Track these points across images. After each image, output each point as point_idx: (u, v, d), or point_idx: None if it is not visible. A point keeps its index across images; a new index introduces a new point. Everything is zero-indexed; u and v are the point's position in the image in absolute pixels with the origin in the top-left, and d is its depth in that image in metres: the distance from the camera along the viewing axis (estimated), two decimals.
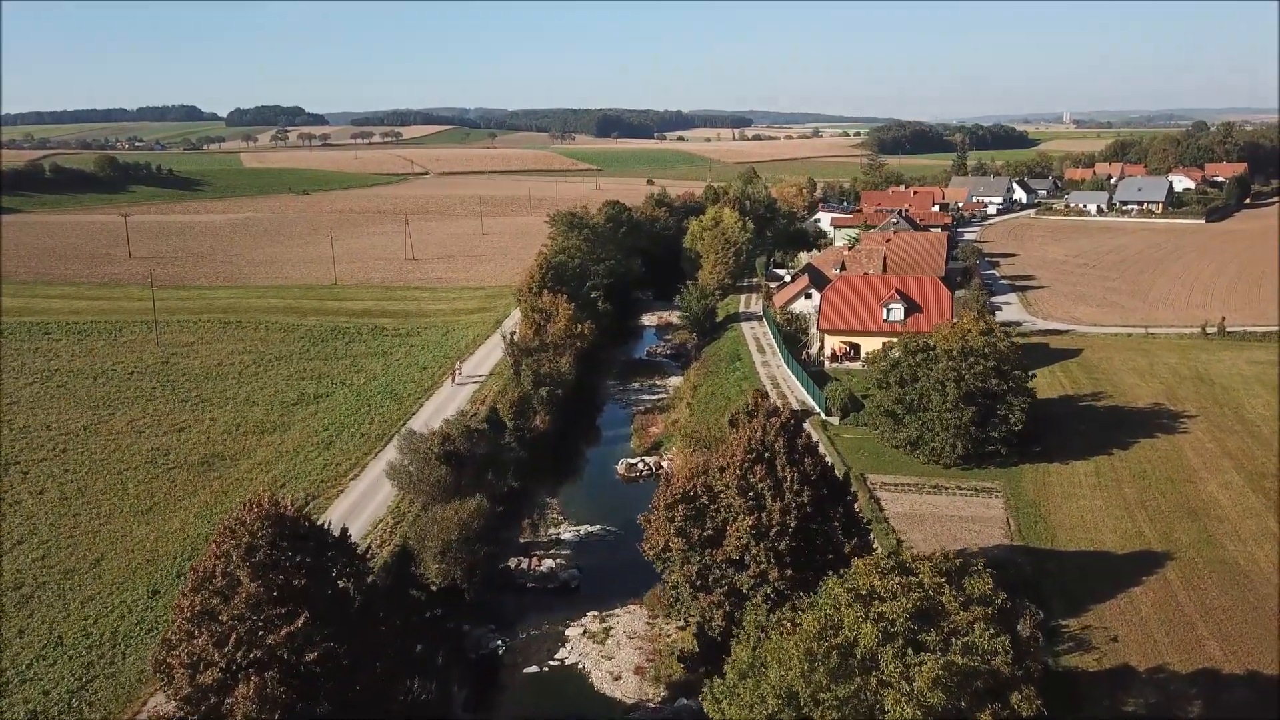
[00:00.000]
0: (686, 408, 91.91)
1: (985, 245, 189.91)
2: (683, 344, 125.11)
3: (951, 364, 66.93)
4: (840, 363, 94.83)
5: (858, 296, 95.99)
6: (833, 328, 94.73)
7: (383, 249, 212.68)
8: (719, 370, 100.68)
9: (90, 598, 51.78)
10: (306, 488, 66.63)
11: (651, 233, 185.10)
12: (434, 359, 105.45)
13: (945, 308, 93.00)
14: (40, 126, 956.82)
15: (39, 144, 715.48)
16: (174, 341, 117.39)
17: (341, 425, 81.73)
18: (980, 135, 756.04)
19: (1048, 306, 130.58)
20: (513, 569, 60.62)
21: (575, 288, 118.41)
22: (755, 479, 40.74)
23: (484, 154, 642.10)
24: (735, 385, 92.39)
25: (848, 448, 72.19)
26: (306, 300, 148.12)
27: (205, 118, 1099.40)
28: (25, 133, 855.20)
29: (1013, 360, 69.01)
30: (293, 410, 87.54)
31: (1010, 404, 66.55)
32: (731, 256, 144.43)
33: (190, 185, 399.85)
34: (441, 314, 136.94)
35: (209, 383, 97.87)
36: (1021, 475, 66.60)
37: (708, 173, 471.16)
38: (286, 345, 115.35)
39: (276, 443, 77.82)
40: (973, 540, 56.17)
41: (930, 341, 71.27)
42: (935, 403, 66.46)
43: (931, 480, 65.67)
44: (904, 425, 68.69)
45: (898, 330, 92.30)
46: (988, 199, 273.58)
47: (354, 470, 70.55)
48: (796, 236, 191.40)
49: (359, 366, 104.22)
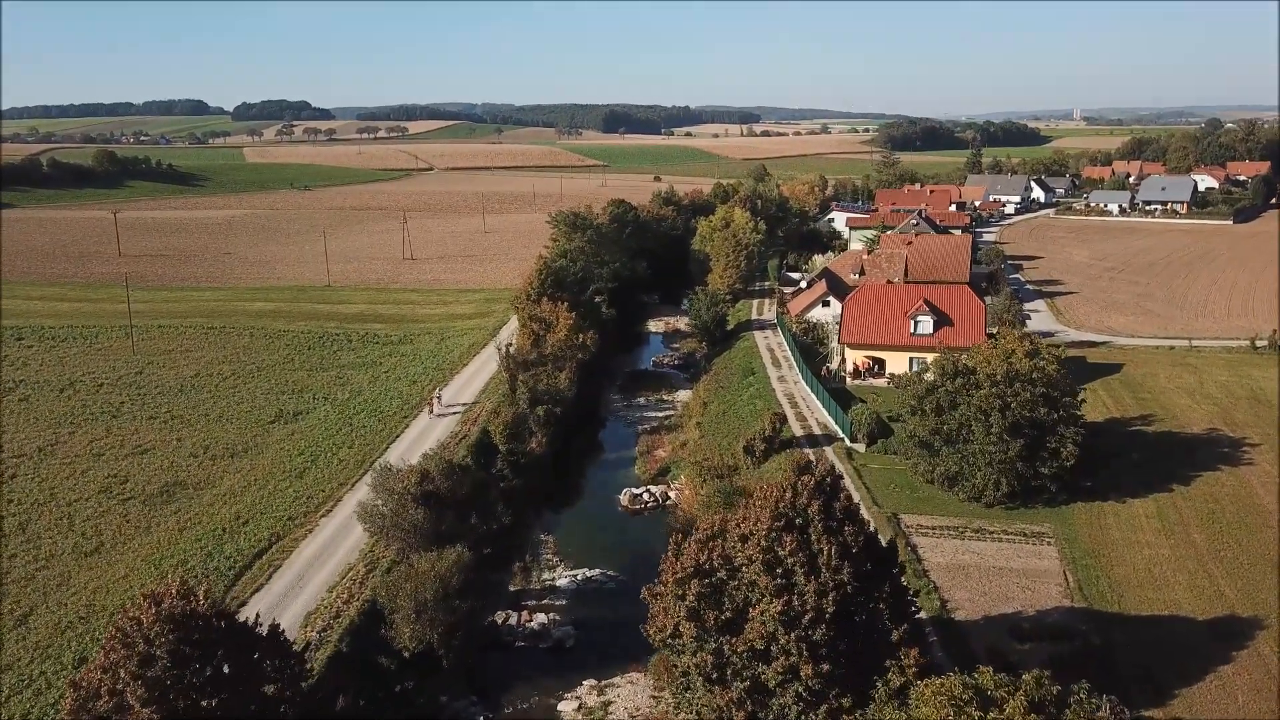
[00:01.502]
0: (696, 427, 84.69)
1: (1006, 247, 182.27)
2: (691, 353, 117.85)
3: (995, 390, 59.58)
4: (863, 379, 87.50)
5: (882, 307, 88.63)
6: (856, 341, 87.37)
7: (381, 248, 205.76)
8: (731, 385, 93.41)
9: (7, 666, 44.76)
10: (270, 526, 59.50)
11: (658, 233, 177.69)
12: (425, 371, 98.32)
13: (977, 321, 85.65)
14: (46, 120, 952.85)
15: (43, 138, 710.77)
16: (152, 349, 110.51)
17: (319, 449, 74.61)
18: (991, 132, 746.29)
19: (1079, 315, 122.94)
20: (500, 624, 53.52)
21: (577, 293, 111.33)
22: (784, 552, 33.51)
23: (489, 149, 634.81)
24: (749, 403, 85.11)
25: (877, 481, 64.82)
26: (297, 303, 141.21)
27: (212, 112, 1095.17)
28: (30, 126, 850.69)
29: (1062, 385, 61.62)
30: (268, 430, 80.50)
31: (1061, 436, 59.18)
32: (743, 259, 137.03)
33: (190, 181, 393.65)
34: (437, 319, 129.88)
35: (182, 396, 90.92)
36: (1074, 516, 59.24)
37: (716, 169, 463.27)
38: (271, 354, 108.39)
39: (246, 469, 70.75)
40: (1026, 600, 48.85)
41: (970, 364, 63.90)
42: (977, 434, 59.12)
43: (973, 522, 58.32)
44: (941, 458, 61.34)
45: (926, 344, 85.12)
46: (1005, 198, 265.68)
47: (327, 504, 63.40)
48: (810, 237, 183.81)
49: (344, 379, 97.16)
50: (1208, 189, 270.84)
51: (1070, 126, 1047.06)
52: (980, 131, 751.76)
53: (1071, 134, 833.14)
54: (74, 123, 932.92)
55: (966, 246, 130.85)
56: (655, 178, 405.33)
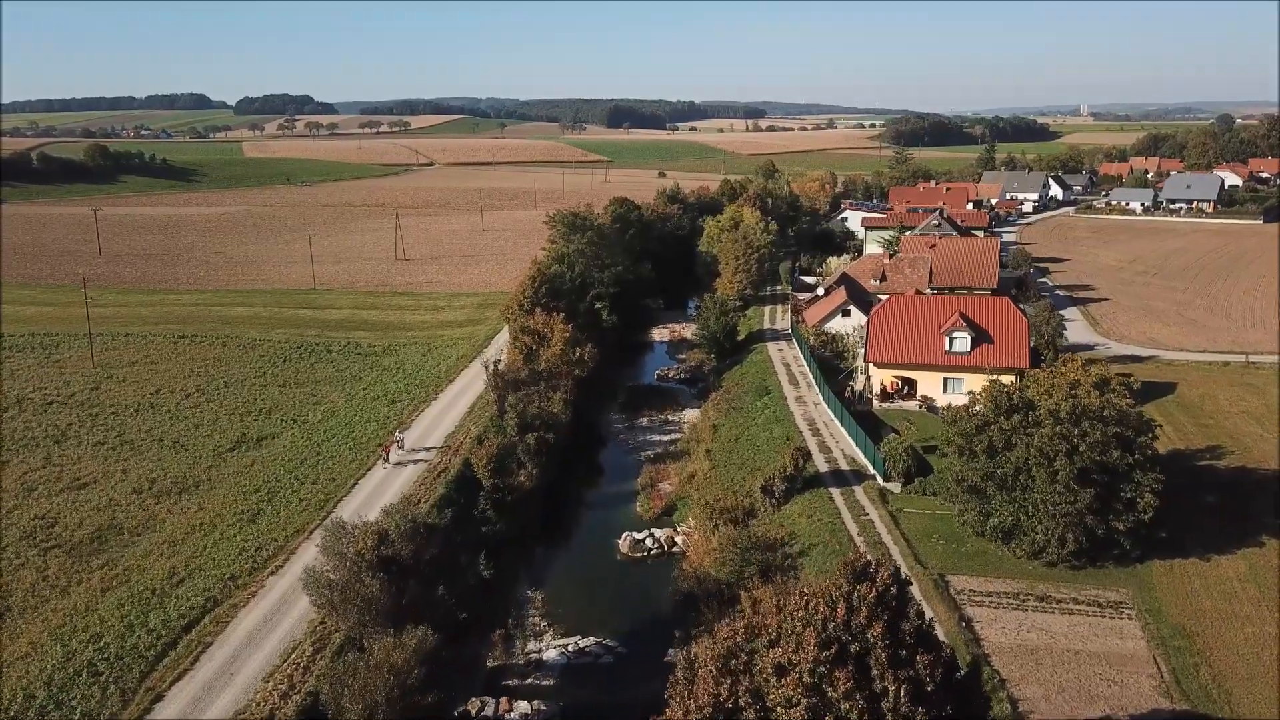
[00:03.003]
0: (705, 456, 75.79)
1: (1028, 248, 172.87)
2: (699, 366, 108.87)
3: (1059, 430, 50.61)
4: (892, 401, 78.51)
5: (912, 321, 79.56)
6: (883, 360, 78.35)
7: (374, 247, 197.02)
8: (744, 406, 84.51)
9: None
10: (208, 587, 50.69)
11: (663, 233, 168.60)
12: (407, 389, 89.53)
13: (1020, 337, 76.57)
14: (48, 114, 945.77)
15: (43, 132, 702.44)
16: (114, 360, 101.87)
17: (278, 484, 65.81)
18: (1000, 127, 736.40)
19: (1119, 325, 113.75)
20: (474, 716, 44.67)
21: (575, 300, 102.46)
22: (836, 693, 24.72)
23: (492, 144, 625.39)
24: (764, 429, 76.24)
25: (917, 531, 55.90)
26: (279, 308, 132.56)
27: (214, 106, 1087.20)
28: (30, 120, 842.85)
29: (1137, 423, 52.65)
30: (225, 459, 71.75)
31: (1138, 484, 50.21)
32: (754, 263, 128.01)
33: (184, 176, 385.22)
34: (426, 326, 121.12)
35: (138, 417, 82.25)
36: (1152, 578, 50.32)
37: (721, 165, 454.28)
38: (243, 366, 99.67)
39: (193, 509, 61.99)
40: (1115, 698, 40.00)
41: (1028, 395, 54.93)
42: (1039, 481, 50.22)
43: (1036, 586, 49.42)
44: (994, 507, 52.42)
45: (963, 364, 76.16)
46: (1023, 196, 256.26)
47: (278, 558, 54.60)
48: (823, 238, 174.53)
49: (318, 397, 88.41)
50: (1230, 186, 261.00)
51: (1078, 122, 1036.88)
52: (989, 127, 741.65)
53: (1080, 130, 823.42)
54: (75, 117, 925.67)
55: (994, 250, 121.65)
56: (660, 174, 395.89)
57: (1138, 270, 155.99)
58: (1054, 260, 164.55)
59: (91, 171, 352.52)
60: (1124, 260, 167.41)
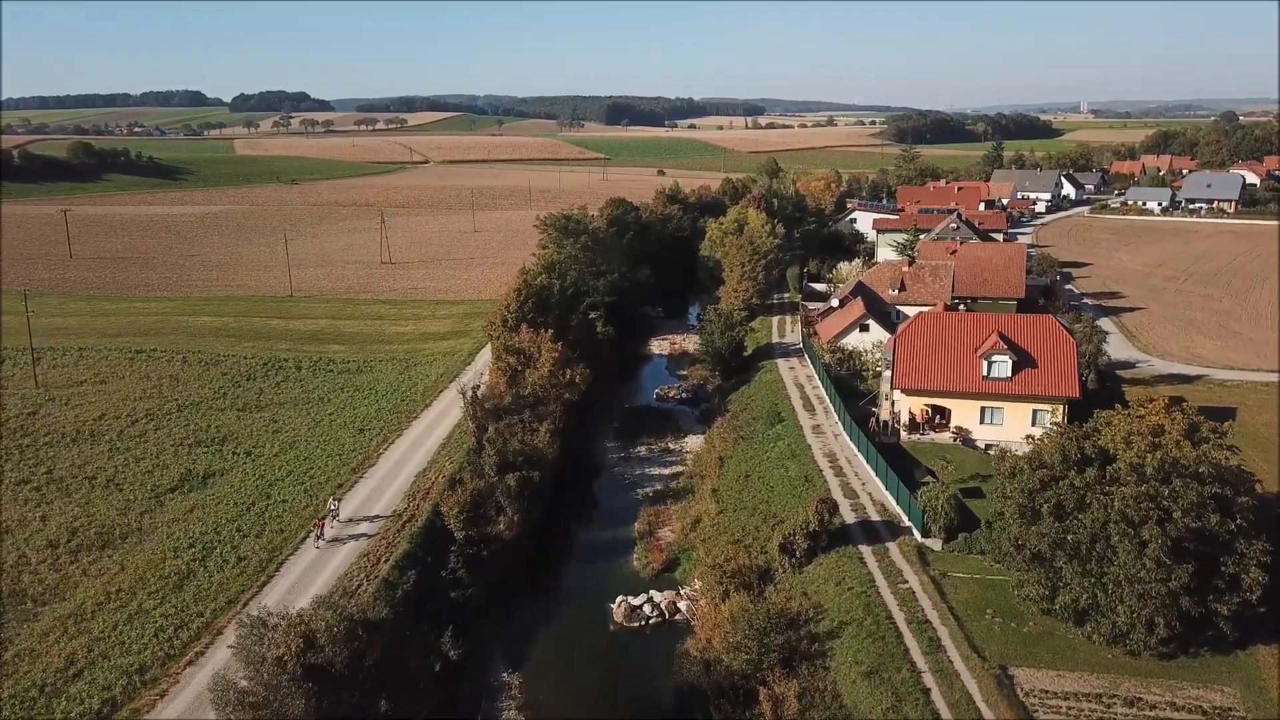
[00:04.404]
0: (711, 496, 66.77)
1: (1047, 251, 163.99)
2: (702, 384, 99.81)
3: (1146, 489, 41.62)
4: (922, 433, 69.47)
5: (944, 342, 70.45)
6: (912, 386, 69.24)
7: (359, 249, 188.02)
8: (753, 435, 75.49)
9: None
10: (109, 683, 41.50)
11: (662, 235, 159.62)
12: (378, 414, 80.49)
13: (1067, 361, 67.53)
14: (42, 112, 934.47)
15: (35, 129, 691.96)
16: (60, 379, 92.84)
17: (216, 537, 56.75)
18: (1003, 125, 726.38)
19: (1158, 338, 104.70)
20: None
21: (566, 312, 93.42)
22: None
23: (488, 142, 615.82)
24: (779, 464, 67.21)
25: (968, 605, 46.82)
26: (251, 318, 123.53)
27: (210, 103, 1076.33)
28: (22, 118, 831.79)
29: (1236, 480, 43.68)
30: (163, 502, 62.76)
31: (1242, 556, 41.21)
32: (760, 270, 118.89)
33: (171, 174, 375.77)
34: (406, 339, 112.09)
35: (74, 449, 73.20)
36: (1259, 670, 41.42)
37: (721, 163, 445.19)
38: (201, 386, 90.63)
39: (113, 570, 52.91)
40: None
41: (1102, 443, 45.94)
42: (1122, 553, 41.20)
43: (1121, 684, 40.47)
44: (1065, 580, 43.38)
45: (1004, 391, 67.16)
46: (1036, 195, 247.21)
47: (202, 639, 45.47)
48: (831, 241, 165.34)
49: (280, 423, 79.38)
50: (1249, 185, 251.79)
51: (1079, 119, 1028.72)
52: (991, 124, 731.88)
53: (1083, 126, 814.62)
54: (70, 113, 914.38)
55: (1020, 256, 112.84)
56: (659, 172, 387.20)
57: (1166, 275, 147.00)
58: (1076, 264, 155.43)
59: (75, 170, 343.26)
60: (1149, 264, 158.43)
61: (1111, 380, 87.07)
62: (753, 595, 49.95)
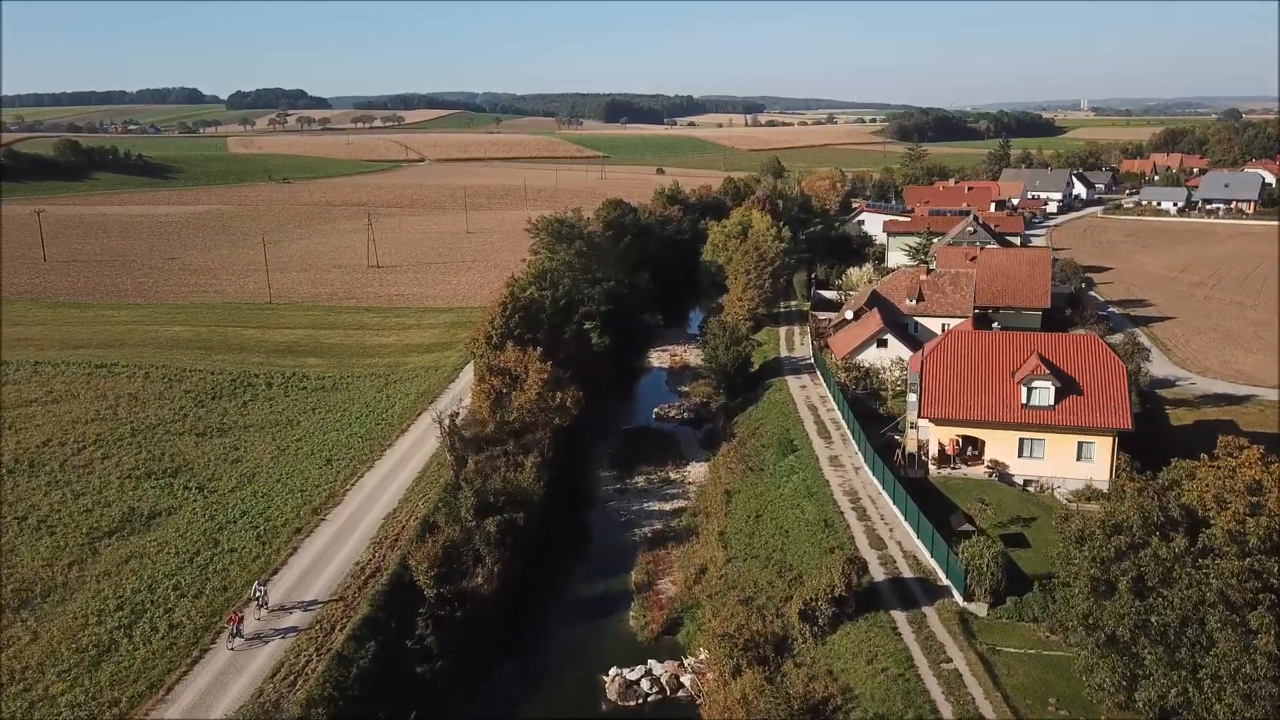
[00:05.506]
0: (718, 540, 59.38)
1: (1064, 254, 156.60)
2: (705, 402, 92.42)
3: (1251, 563, 34.28)
4: (954, 467, 62.15)
5: (976, 364, 63.11)
6: (942, 415, 61.88)
7: (347, 252, 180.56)
8: (764, 466, 68.15)
9: None
10: None
11: (662, 238, 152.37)
12: (348, 441, 73.09)
13: (1117, 388, 60.15)
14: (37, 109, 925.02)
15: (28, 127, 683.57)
16: (10, 399, 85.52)
17: (151, 596, 49.32)
18: (1006, 122, 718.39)
19: (1195, 352, 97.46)
20: None
21: (558, 324, 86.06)
22: None
23: (486, 140, 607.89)
24: (794, 504, 59.86)
25: (1026, 692, 39.47)
26: (224, 327, 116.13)
27: (207, 101, 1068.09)
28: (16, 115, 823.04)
29: None
30: (98, 550, 55.41)
31: None
32: (767, 278, 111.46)
33: (161, 173, 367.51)
34: (388, 351, 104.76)
35: (9, 482, 65.83)
36: None
37: (721, 161, 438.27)
38: (161, 407, 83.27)
39: (24, 640, 45.49)
40: None
41: (1186, 501, 38.59)
42: (1222, 642, 33.85)
43: None
44: (1147, 672, 35.97)
45: (1045, 421, 59.82)
46: (1046, 195, 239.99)
47: None
48: (839, 244, 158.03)
49: (242, 451, 72.04)
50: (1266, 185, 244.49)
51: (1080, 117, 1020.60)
52: (994, 122, 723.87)
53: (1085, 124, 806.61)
54: (63, 111, 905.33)
55: (1045, 263, 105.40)
56: (658, 170, 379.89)
57: (1192, 281, 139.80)
58: (1096, 269, 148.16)
59: (62, 168, 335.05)
60: (1173, 268, 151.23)
61: (1153, 401, 79.87)
62: (768, 670, 42.73)
